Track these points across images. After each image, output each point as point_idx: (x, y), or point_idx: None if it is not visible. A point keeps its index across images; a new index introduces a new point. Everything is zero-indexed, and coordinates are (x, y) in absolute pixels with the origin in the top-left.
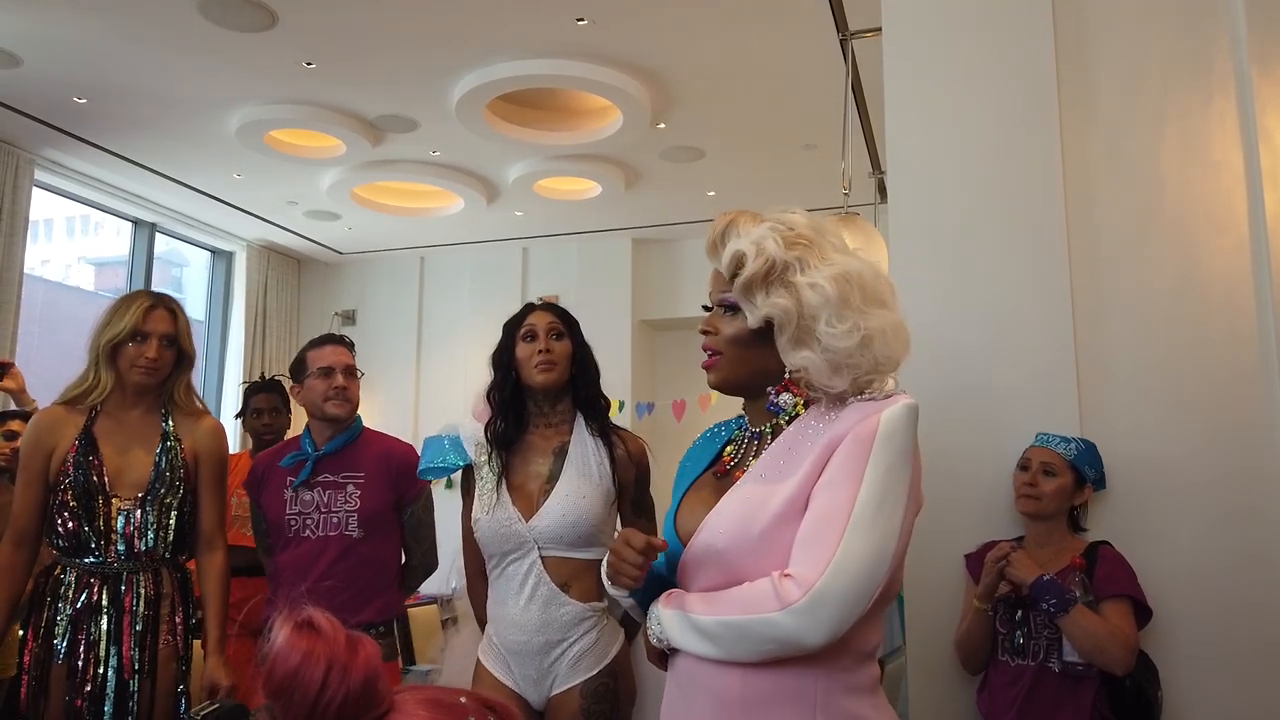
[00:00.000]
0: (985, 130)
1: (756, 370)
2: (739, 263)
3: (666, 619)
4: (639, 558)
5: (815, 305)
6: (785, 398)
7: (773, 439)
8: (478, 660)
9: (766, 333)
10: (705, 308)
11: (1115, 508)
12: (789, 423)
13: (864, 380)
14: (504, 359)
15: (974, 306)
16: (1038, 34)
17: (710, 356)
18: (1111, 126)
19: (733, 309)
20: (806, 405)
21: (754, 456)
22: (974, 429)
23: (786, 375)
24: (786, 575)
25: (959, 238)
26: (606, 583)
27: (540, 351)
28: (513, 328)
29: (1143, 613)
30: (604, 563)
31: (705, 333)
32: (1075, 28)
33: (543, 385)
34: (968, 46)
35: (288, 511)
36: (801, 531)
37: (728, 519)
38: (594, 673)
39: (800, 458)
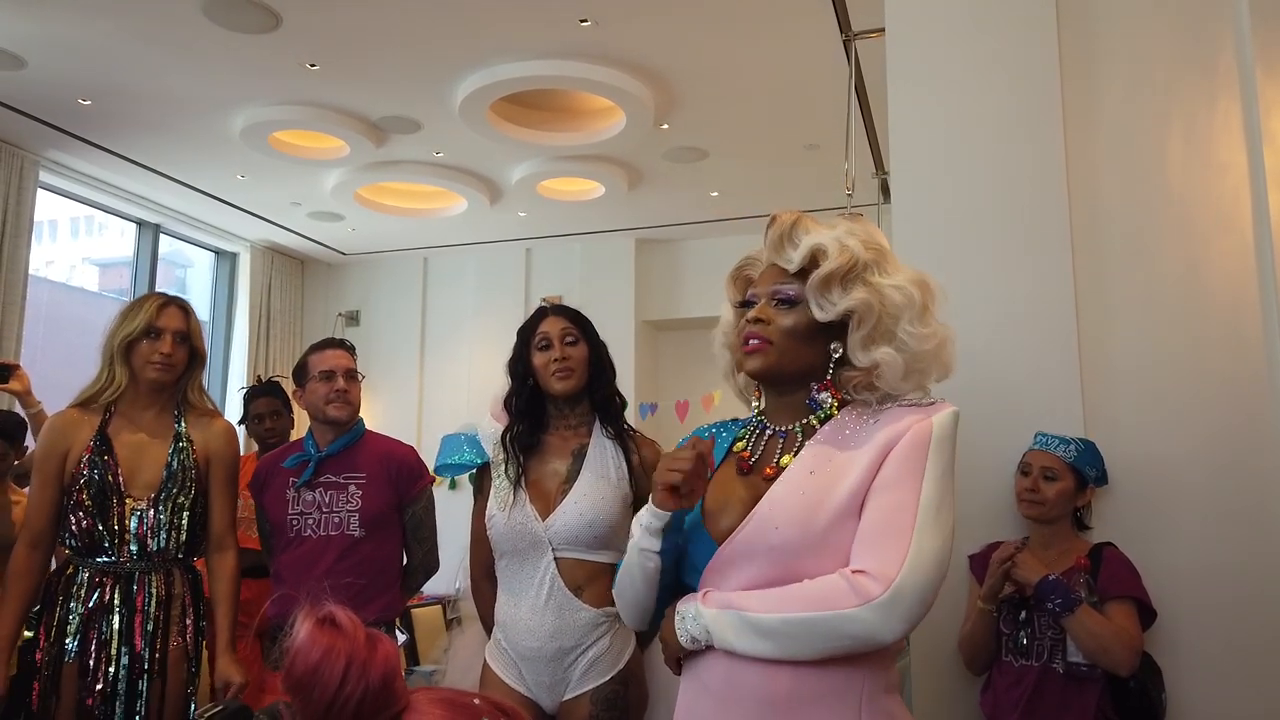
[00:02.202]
0: (989, 131)
1: (803, 364)
2: (817, 255)
3: (714, 619)
4: (694, 455)
5: (899, 305)
6: (825, 396)
7: (804, 437)
8: (484, 664)
9: (824, 329)
10: (743, 304)
11: (1119, 508)
12: (821, 422)
13: (921, 387)
14: (520, 367)
15: (978, 307)
16: (1041, 34)
17: (756, 343)
18: (1115, 127)
19: (787, 302)
20: (839, 407)
21: (790, 453)
22: (978, 429)
23: (829, 376)
24: (859, 572)
25: (962, 239)
26: (647, 513)
27: (557, 360)
28: (527, 334)
29: (1147, 614)
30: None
31: (758, 321)
32: (1079, 28)
33: (562, 393)
34: (971, 47)
35: (289, 511)
36: (867, 528)
37: (787, 513)
38: (606, 679)
39: (853, 457)
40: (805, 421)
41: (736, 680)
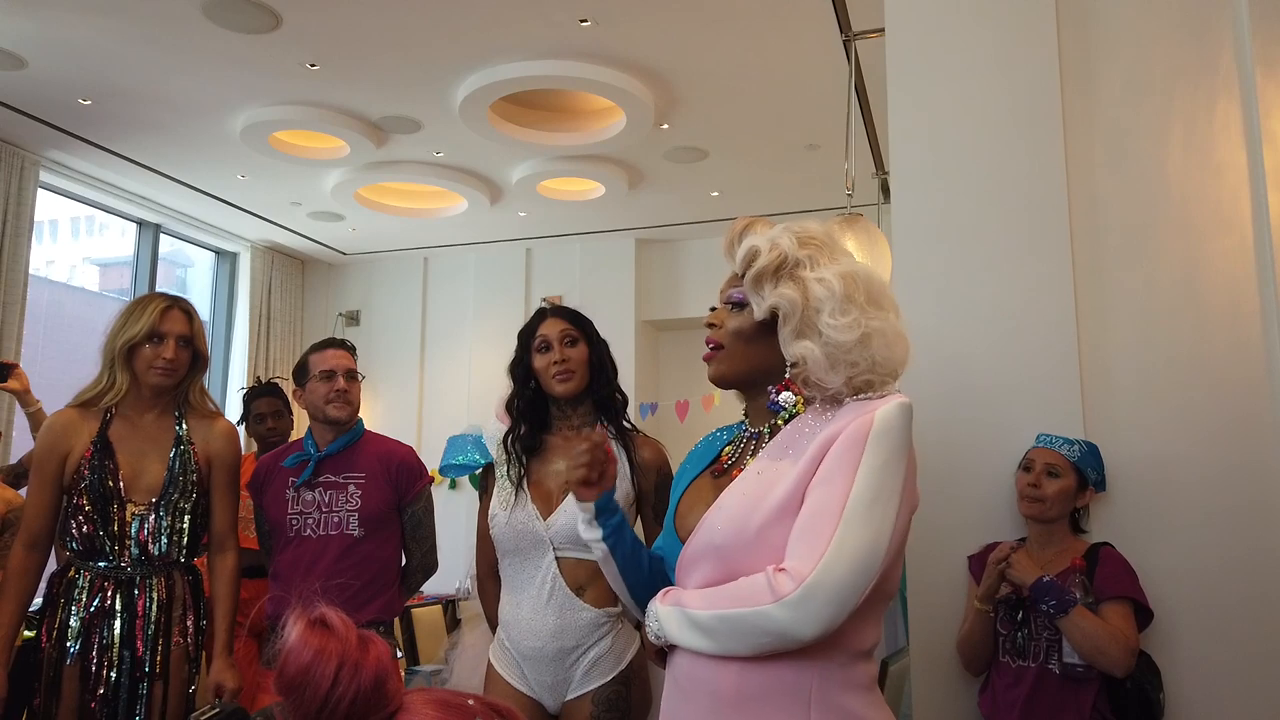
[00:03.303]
0: (988, 131)
1: (756, 366)
2: (752, 257)
3: (664, 615)
4: (589, 447)
5: (820, 298)
6: (785, 396)
7: (770, 438)
8: (489, 663)
9: (770, 328)
10: (712, 309)
11: (1118, 508)
12: (787, 422)
13: (860, 381)
14: (521, 370)
15: (977, 307)
16: (1041, 35)
17: (711, 350)
18: (1115, 128)
19: (739, 306)
20: (805, 406)
21: (751, 455)
22: (977, 430)
23: (787, 374)
24: (780, 569)
25: (962, 239)
26: (581, 514)
27: (556, 362)
28: (526, 337)
29: (1144, 614)
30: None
31: (710, 326)
32: (1079, 29)
33: (563, 395)
34: (971, 48)
35: (289, 511)
36: (796, 526)
37: (726, 514)
38: (607, 679)
39: (796, 455)
40: (773, 423)
41: (694, 675)
